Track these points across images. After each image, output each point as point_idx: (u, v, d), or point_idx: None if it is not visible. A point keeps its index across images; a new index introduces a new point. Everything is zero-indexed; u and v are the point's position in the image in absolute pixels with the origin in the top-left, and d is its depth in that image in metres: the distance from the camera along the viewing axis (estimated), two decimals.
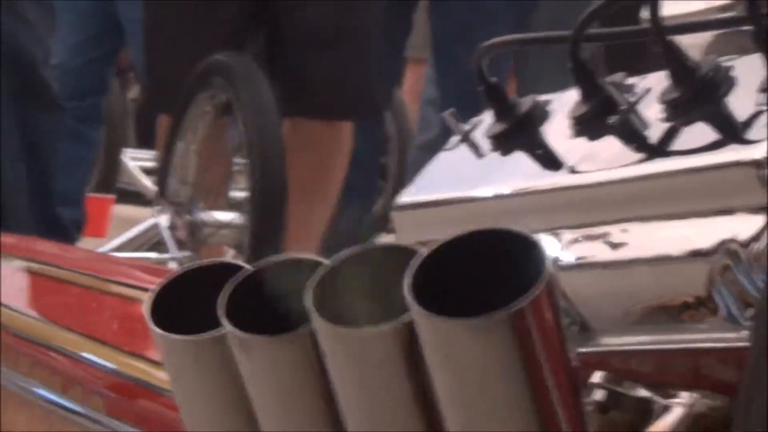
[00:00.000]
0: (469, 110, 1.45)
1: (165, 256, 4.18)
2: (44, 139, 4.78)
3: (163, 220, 4.41)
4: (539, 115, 1.34)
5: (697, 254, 1.12)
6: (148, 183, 7.40)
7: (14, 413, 2.63)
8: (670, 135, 1.19)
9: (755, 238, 1.09)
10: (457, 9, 4.41)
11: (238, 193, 4.56)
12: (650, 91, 1.23)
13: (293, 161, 4.19)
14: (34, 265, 3.23)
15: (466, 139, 1.41)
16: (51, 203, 4.79)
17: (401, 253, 1.06)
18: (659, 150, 1.19)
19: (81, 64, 5.69)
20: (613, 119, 1.24)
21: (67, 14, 5.50)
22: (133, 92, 8.76)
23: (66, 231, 4.80)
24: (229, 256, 4.14)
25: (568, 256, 1.23)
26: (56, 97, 4.80)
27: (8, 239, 3.76)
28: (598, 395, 1.21)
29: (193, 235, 4.12)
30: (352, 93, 3.76)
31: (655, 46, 1.21)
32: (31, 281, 3.18)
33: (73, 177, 5.10)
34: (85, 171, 5.56)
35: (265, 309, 1.14)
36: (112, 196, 7.60)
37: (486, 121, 1.39)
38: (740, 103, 1.15)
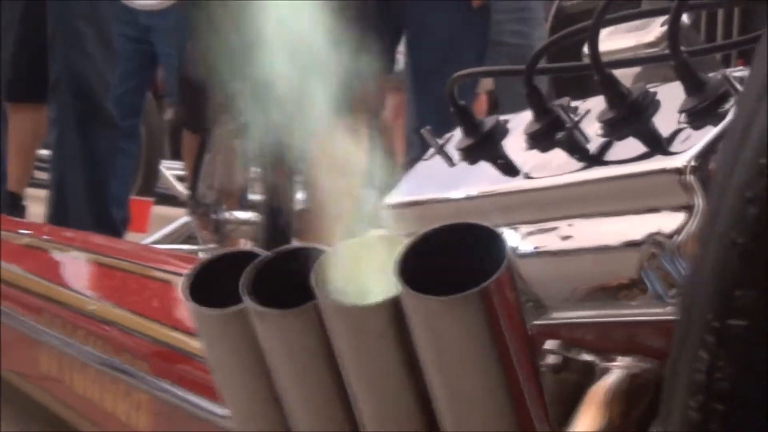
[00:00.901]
0: (442, 128, 1.46)
1: (195, 247, 4.16)
2: (101, 153, 4.75)
3: (194, 218, 4.40)
4: (500, 131, 1.34)
5: (629, 245, 1.13)
6: (180, 188, 7.34)
7: (75, 375, 2.62)
8: (606, 148, 1.19)
9: (677, 231, 1.09)
10: (429, 48, 4.34)
11: (254, 196, 4.54)
12: (590, 112, 1.24)
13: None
14: (90, 255, 3.22)
15: (440, 151, 1.41)
16: (105, 205, 4.77)
17: (390, 242, 1.07)
18: (598, 160, 1.19)
19: (121, 93, 5.64)
20: (560, 135, 1.25)
21: None
22: (168, 114, 8.71)
23: (116, 227, 4.78)
24: (247, 247, 4.12)
25: (525, 246, 1.23)
26: (112, 119, 4.78)
27: (70, 234, 3.75)
28: (551, 359, 1.21)
29: (218, 231, 4.09)
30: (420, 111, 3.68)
31: (594, 76, 1.22)
32: (87, 268, 3.17)
33: (120, 183, 5.07)
34: (128, 178, 5.52)
35: (279, 288, 1.15)
36: (151, 199, 7.56)
37: (456, 136, 1.40)
38: (664, 122, 1.16)
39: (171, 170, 8.55)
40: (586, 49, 1.25)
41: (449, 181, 1.39)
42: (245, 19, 1.37)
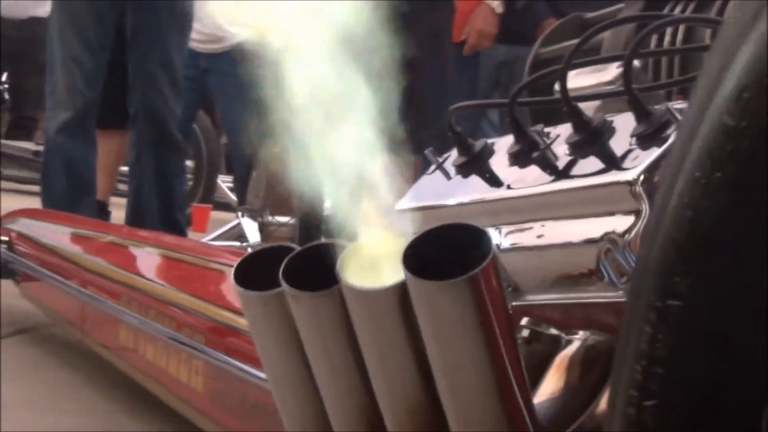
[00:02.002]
0: (441, 149, 1.46)
1: (244, 244, 4.15)
2: (169, 170, 4.76)
3: (243, 221, 4.40)
4: (487, 151, 1.34)
5: (589, 241, 1.13)
6: (233, 197, 7.33)
7: (146, 346, 2.62)
8: (572, 164, 1.19)
9: (628, 231, 1.10)
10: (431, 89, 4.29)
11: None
12: (559, 136, 1.24)
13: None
14: (159, 249, 3.22)
15: (440, 167, 1.42)
16: (172, 210, 4.77)
17: (399, 239, 1.07)
18: (565, 174, 1.19)
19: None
20: (535, 154, 1.25)
21: None
22: (224, 139, 8.73)
23: (180, 228, 4.78)
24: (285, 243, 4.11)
25: (506, 243, 1.23)
26: (179, 143, 4.79)
27: (144, 233, 3.75)
28: (525, 333, 1.22)
29: (262, 231, 4.09)
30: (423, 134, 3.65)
31: (563, 108, 1.22)
32: (157, 261, 3.17)
33: (183, 194, 5.08)
34: (186, 189, 5.51)
35: (309, 275, 1.14)
36: (210, 206, 7.56)
37: (452, 155, 1.40)
38: (619, 144, 1.16)
39: (225, 183, 8.56)
40: (557, 86, 1.25)
41: (447, 191, 1.39)
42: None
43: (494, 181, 1.31)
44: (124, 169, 5.37)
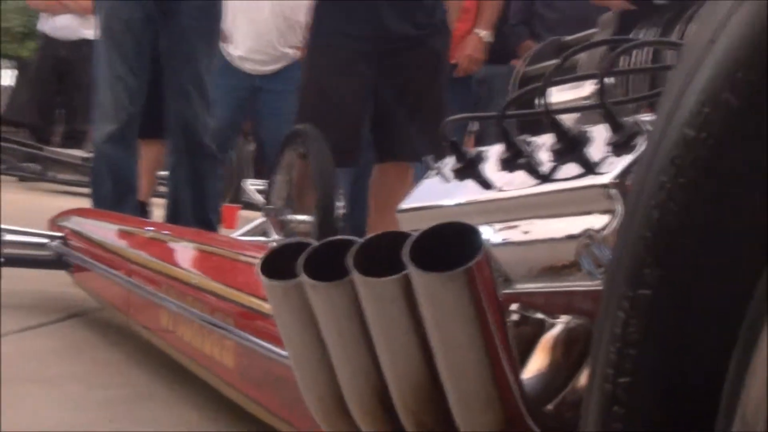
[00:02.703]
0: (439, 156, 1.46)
1: (269, 239, 4.15)
2: (202, 175, 4.77)
3: (268, 219, 4.40)
4: (480, 158, 1.34)
5: (570, 237, 1.13)
6: (259, 198, 7.34)
7: (183, 328, 2.62)
8: (554, 170, 1.19)
9: (603, 228, 1.10)
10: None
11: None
12: (543, 145, 1.24)
13: (381, 187, 4.12)
14: (194, 244, 3.23)
15: (438, 172, 1.41)
16: (205, 210, 4.78)
17: (403, 236, 1.07)
18: (548, 178, 1.19)
19: (223, 134, 5.61)
20: (521, 161, 1.25)
21: (218, 107, 5.44)
22: (251, 146, 8.74)
23: (212, 225, 4.79)
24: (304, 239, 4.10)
25: (497, 238, 1.23)
26: (211, 151, 4.79)
27: (180, 230, 3.75)
28: (514, 317, 1.21)
29: (284, 228, 4.08)
30: (424, 143, 3.63)
31: (546, 120, 1.22)
32: (192, 253, 3.17)
33: (215, 195, 5.08)
34: (218, 192, 5.50)
35: (325, 267, 1.14)
36: (239, 205, 7.57)
37: (449, 162, 1.40)
38: (595, 152, 1.16)
39: (253, 185, 8.56)
40: (540, 101, 1.25)
41: (444, 193, 1.39)
42: None
43: (486, 184, 1.31)
44: (163, 173, 5.37)
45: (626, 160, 1.10)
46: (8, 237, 3.96)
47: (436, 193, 1.40)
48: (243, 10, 5.69)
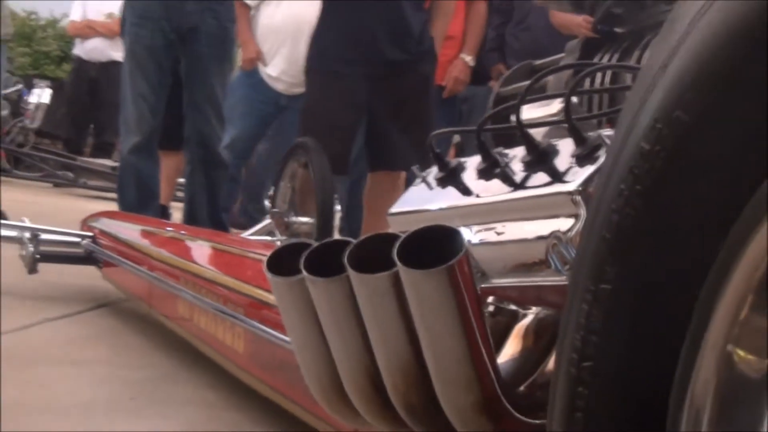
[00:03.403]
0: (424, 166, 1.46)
1: (274, 238, 4.14)
2: (216, 182, 4.78)
3: (273, 220, 4.39)
4: (461, 168, 1.34)
5: (540, 238, 1.13)
6: (266, 202, 7.30)
7: (199, 316, 2.62)
8: (526, 178, 1.19)
9: (569, 230, 1.09)
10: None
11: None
12: (516, 156, 1.23)
13: (374, 193, 4.11)
14: (209, 242, 3.22)
15: (424, 180, 1.41)
16: (218, 212, 4.79)
17: (393, 237, 1.07)
18: (520, 186, 1.19)
19: (243, 145, 5.60)
20: (497, 170, 1.25)
21: (239, 120, 5.42)
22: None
23: (225, 226, 4.79)
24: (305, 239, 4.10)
25: (475, 239, 1.23)
26: (223, 160, 4.80)
27: (196, 230, 3.75)
28: (490, 308, 1.21)
29: (288, 229, 4.07)
30: (410, 153, 3.63)
31: (518, 134, 1.21)
32: (207, 251, 3.17)
33: (227, 199, 5.09)
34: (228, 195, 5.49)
35: (323, 264, 1.14)
36: None
37: (433, 171, 1.39)
38: (561, 163, 1.15)
39: None
40: (513, 117, 1.25)
41: (429, 199, 1.38)
42: None
43: (466, 191, 1.30)
44: (181, 180, 5.37)
45: (589, 170, 1.10)
46: (45, 236, 3.97)
47: (422, 198, 1.40)
48: (281, 39, 5.69)
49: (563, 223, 1.11)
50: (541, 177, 1.17)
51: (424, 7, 4.12)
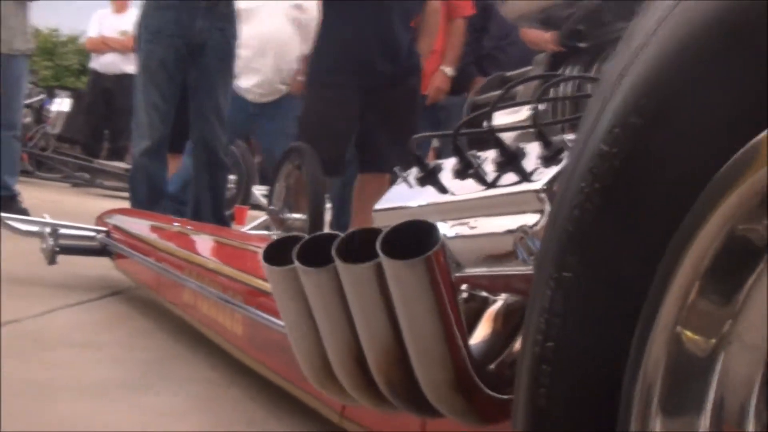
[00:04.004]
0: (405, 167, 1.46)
1: (270, 233, 4.13)
2: (219, 183, 4.80)
3: (270, 217, 4.39)
4: (438, 169, 1.34)
5: (508, 231, 1.12)
6: (264, 201, 7.30)
7: (202, 303, 2.62)
8: (497, 178, 1.19)
9: (535, 224, 1.09)
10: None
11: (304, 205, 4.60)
12: (488, 158, 1.23)
13: (363, 193, 4.09)
14: (211, 236, 3.22)
15: (405, 179, 1.41)
16: (221, 210, 4.79)
17: (377, 231, 1.06)
18: (492, 185, 1.19)
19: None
20: (471, 171, 1.24)
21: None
22: (257, 158, 8.68)
23: (226, 222, 4.79)
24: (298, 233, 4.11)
25: (450, 233, 1.22)
26: (225, 164, 4.83)
27: (200, 225, 3.74)
28: (464, 295, 1.21)
29: (283, 224, 4.07)
30: (399, 158, 3.64)
31: (491, 138, 1.21)
32: (210, 244, 3.17)
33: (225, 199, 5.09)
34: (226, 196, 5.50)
35: (314, 256, 1.14)
36: (247, 206, 7.53)
37: (414, 171, 1.39)
38: (529, 164, 1.15)
39: (258, 190, 8.51)
40: (486, 123, 1.25)
41: (410, 197, 1.38)
42: None
43: (443, 189, 1.30)
44: None
45: (553, 170, 1.10)
46: (63, 231, 3.97)
47: (403, 196, 1.40)
48: (252, 59, 5.74)
49: (529, 218, 1.10)
50: (510, 177, 1.17)
51: (411, 26, 4.14)
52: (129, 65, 7.97)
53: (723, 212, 0.67)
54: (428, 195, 1.33)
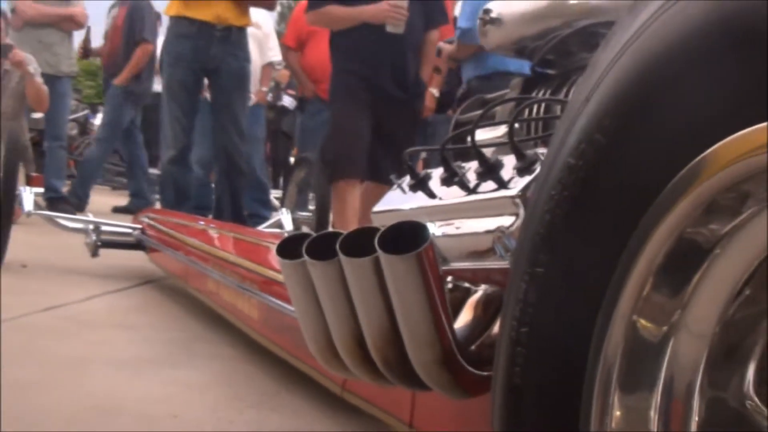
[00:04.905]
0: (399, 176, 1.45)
1: (283, 230, 4.13)
2: (237, 186, 4.78)
3: (283, 216, 4.38)
4: (428, 177, 1.33)
5: (488, 231, 1.12)
6: (277, 202, 7.30)
7: (223, 291, 2.61)
8: (477, 185, 1.18)
9: (511, 226, 1.09)
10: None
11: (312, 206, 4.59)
12: (470, 168, 1.23)
13: (366, 199, 4.01)
14: (231, 233, 3.21)
15: (399, 186, 1.40)
16: (239, 209, 4.78)
17: (375, 229, 1.06)
18: (474, 191, 1.18)
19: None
20: (456, 179, 1.24)
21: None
22: (269, 168, 8.64)
23: (244, 220, 4.78)
24: (307, 231, 4.12)
25: (438, 232, 1.22)
26: (245, 172, 4.79)
27: (221, 224, 3.73)
28: (449, 286, 1.21)
29: (294, 222, 4.08)
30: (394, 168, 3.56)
31: (473, 151, 1.21)
32: (229, 240, 3.16)
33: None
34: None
35: (321, 250, 1.13)
36: None
37: (407, 179, 1.38)
38: (506, 173, 1.15)
39: (272, 193, 8.48)
40: (469, 138, 1.24)
41: (403, 201, 1.37)
42: None
43: (432, 195, 1.29)
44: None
45: (527, 179, 1.09)
46: (104, 228, 3.98)
47: (398, 200, 1.39)
48: None
49: (506, 220, 1.10)
50: (489, 184, 1.16)
51: (419, 55, 4.07)
52: (157, 85, 7.98)
53: (674, 218, 0.67)
54: (419, 200, 1.32)
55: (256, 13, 5.10)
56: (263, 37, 5.84)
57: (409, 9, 3.85)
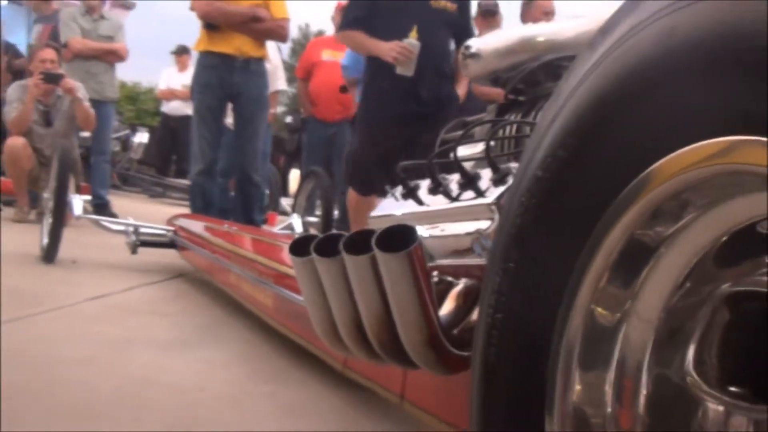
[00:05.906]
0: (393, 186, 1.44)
1: (294, 232, 4.12)
2: (250, 196, 4.78)
3: (294, 220, 4.37)
4: (417, 187, 1.33)
5: (468, 233, 1.12)
6: (288, 207, 7.27)
7: (243, 283, 2.60)
8: (460, 194, 1.18)
9: (487, 228, 1.08)
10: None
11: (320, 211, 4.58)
12: (453, 180, 1.23)
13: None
14: (250, 234, 3.20)
15: (393, 194, 1.40)
16: (251, 215, 4.77)
17: (372, 231, 1.06)
18: (456, 199, 1.18)
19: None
20: (441, 189, 1.24)
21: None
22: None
23: (258, 224, 4.77)
24: (314, 233, 4.09)
25: (426, 234, 1.22)
26: (257, 182, 4.78)
27: (241, 227, 3.72)
28: (435, 279, 1.20)
29: (303, 225, 4.06)
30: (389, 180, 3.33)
31: (455, 165, 1.21)
32: (249, 240, 3.15)
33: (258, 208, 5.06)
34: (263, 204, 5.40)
35: (328, 249, 1.13)
36: (276, 212, 7.49)
37: (399, 189, 1.38)
38: (484, 184, 1.15)
39: (284, 200, 8.46)
40: (452, 154, 1.24)
41: (396, 207, 1.37)
42: None
43: (420, 202, 1.29)
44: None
45: (501, 189, 1.09)
46: (143, 229, 3.98)
47: (391, 207, 1.39)
48: None
49: (483, 224, 1.10)
50: (469, 194, 1.16)
51: (448, 75, 3.69)
52: (188, 109, 7.99)
53: (626, 221, 0.67)
54: (410, 206, 1.32)
55: (267, 49, 5.11)
56: (272, 68, 5.85)
57: (439, 34, 3.53)
